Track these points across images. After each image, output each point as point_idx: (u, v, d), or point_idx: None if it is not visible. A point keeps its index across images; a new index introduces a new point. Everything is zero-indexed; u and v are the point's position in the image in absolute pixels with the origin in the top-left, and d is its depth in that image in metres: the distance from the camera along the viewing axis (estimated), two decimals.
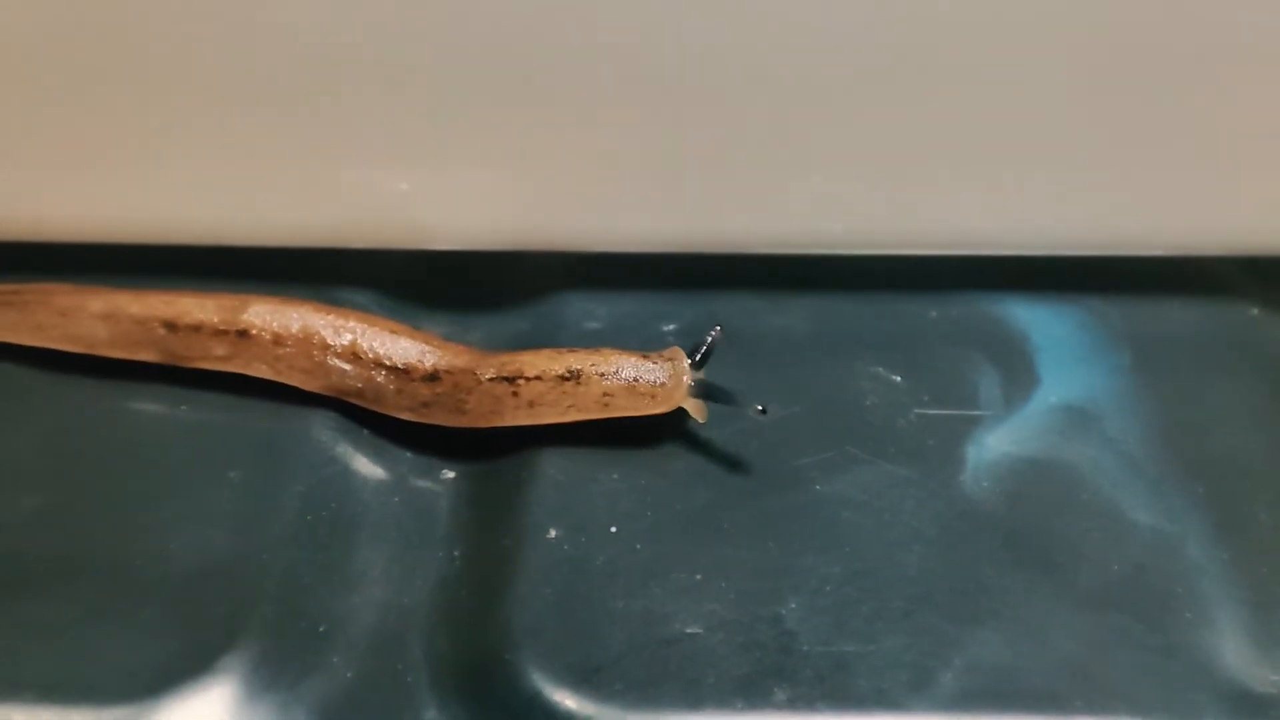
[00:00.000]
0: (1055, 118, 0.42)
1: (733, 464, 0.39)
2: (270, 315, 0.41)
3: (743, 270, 0.46)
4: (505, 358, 0.39)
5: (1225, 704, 0.33)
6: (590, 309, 0.45)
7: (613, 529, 0.38)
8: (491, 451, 0.41)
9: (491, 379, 0.39)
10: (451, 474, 0.41)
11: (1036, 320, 0.44)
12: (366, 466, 0.41)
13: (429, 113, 0.42)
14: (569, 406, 0.39)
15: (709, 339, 0.40)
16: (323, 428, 0.41)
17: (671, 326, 0.44)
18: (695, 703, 0.34)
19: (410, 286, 0.46)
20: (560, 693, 0.34)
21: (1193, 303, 0.44)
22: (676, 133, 0.43)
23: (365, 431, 0.41)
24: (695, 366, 0.39)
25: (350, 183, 0.44)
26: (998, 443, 0.40)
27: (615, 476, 0.40)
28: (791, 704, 0.34)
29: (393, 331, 0.40)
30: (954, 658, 0.35)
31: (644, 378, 0.39)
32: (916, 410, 0.41)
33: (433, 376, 0.39)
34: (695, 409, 0.39)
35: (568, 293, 0.45)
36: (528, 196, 0.45)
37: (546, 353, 0.39)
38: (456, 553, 0.38)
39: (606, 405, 0.39)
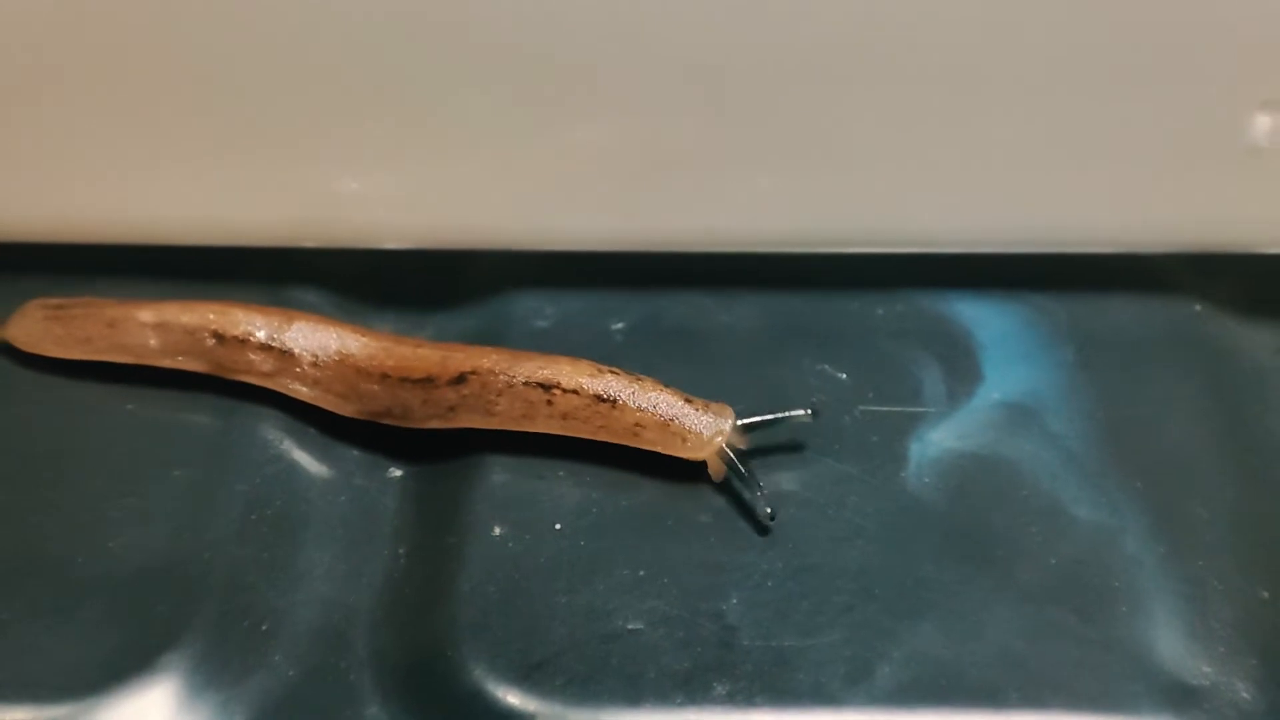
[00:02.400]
0: (1000, 117, 0.42)
1: (677, 461, 0.39)
2: (310, 334, 0.41)
3: (692, 268, 0.46)
4: (540, 361, 0.39)
5: (1160, 695, 0.34)
6: (539, 307, 0.45)
7: (557, 526, 0.38)
8: (439, 452, 0.41)
9: (526, 383, 0.38)
10: (399, 473, 0.41)
11: (981, 317, 0.44)
12: (313, 465, 0.41)
13: (378, 112, 0.43)
14: (600, 427, 0.38)
15: (776, 416, 0.39)
16: (270, 426, 0.41)
17: (620, 324, 0.45)
18: (635, 698, 0.34)
19: (360, 285, 0.46)
20: (502, 688, 0.35)
21: (1136, 299, 0.45)
22: (624, 132, 0.43)
23: (312, 430, 0.41)
24: (741, 430, 0.38)
25: (299, 182, 0.44)
26: (941, 439, 0.40)
27: (561, 474, 0.40)
28: (730, 698, 0.34)
29: (418, 346, 0.40)
30: (892, 651, 0.35)
31: (680, 419, 0.38)
32: (861, 407, 0.42)
33: (458, 380, 0.39)
34: (715, 469, 0.39)
35: (517, 291, 0.46)
36: (476, 196, 0.45)
37: (587, 367, 0.39)
38: (401, 550, 0.38)
39: (636, 435, 0.38)
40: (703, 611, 0.36)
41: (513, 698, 0.34)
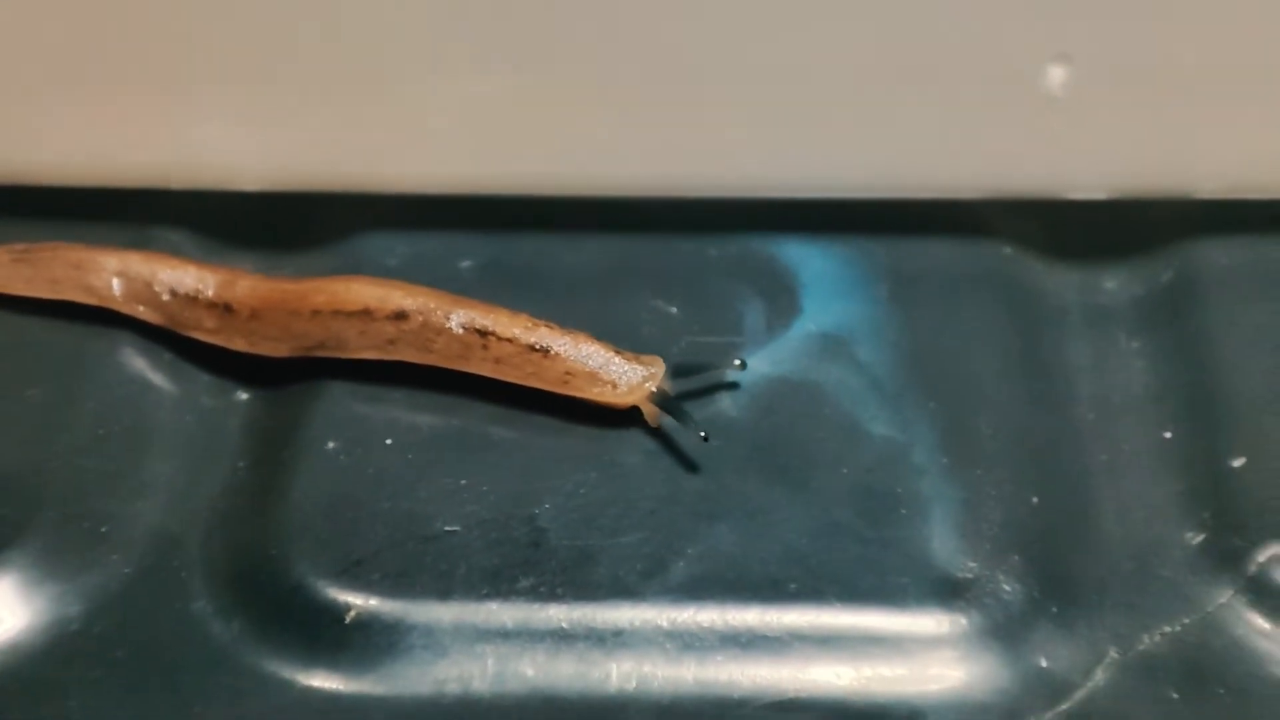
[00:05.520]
0: (826, 70, 0.45)
1: (508, 383, 0.42)
2: (249, 292, 0.43)
3: (541, 211, 0.49)
4: (480, 309, 0.41)
5: (927, 586, 0.37)
6: (391, 246, 0.47)
7: (388, 441, 0.41)
8: (286, 378, 0.43)
9: (464, 327, 0.41)
10: (245, 396, 0.43)
11: (806, 258, 0.47)
12: (164, 386, 0.43)
13: (237, 55, 0.45)
14: (530, 374, 0.41)
15: (711, 368, 0.42)
16: (125, 348, 0.43)
17: (468, 263, 0.47)
18: (446, 591, 0.37)
19: (223, 227, 0.48)
20: (321, 584, 0.37)
21: (951, 242, 0.47)
22: (471, 80, 0.46)
23: (166, 354, 0.44)
24: (672, 375, 0.41)
25: (160, 125, 0.47)
26: (756, 365, 0.43)
27: (398, 396, 0.42)
28: (534, 591, 0.37)
29: (348, 282, 0.42)
30: (687, 549, 0.38)
31: (608, 368, 0.40)
32: (688, 338, 0.44)
33: (399, 315, 0.41)
34: (650, 414, 0.41)
35: (370, 232, 0.48)
36: (329, 141, 0.47)
37: (523, 318, 0.41)
38: (241, 464, 0.41)
39: (566, 383, 0.41)
40: (516, 516, 0.39)
41: (331, 592, 0.37)
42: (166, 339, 0.44)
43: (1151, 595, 0.37)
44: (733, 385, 0.42)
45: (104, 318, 0.44)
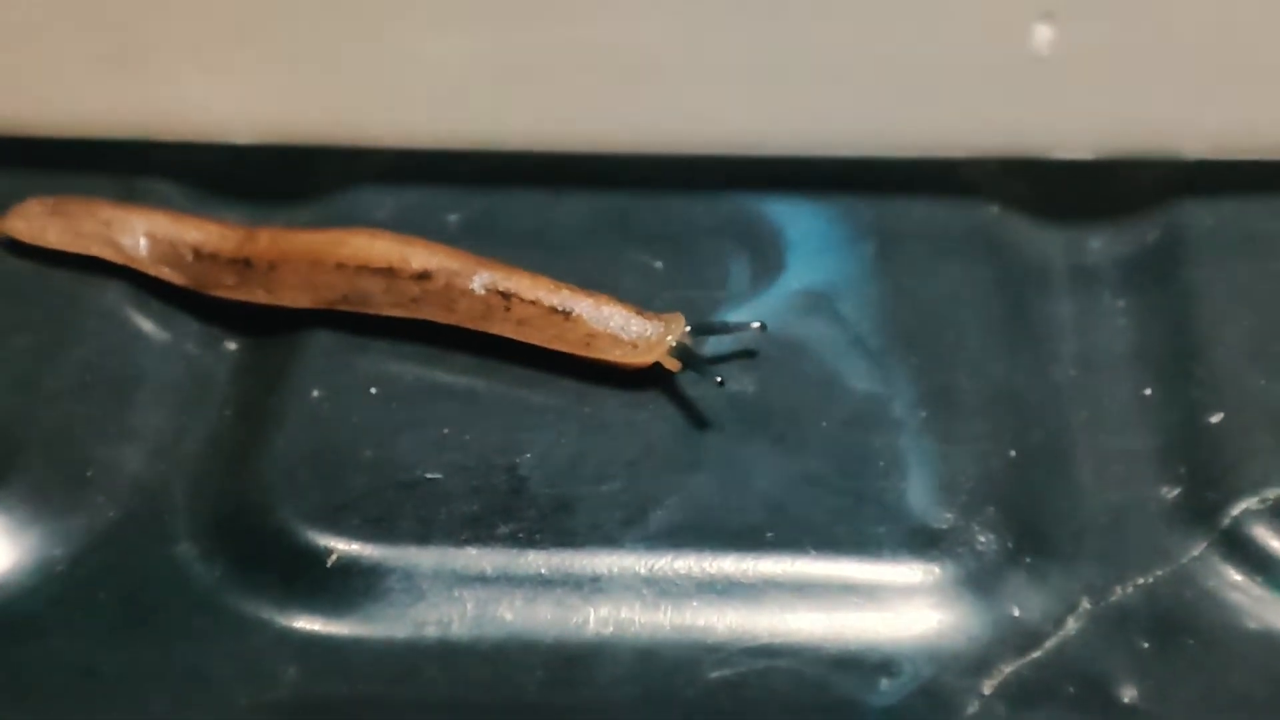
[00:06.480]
0: (813, 27, 0.45)
1: (493, 335, 0.42)
2: (269, 244, 0.43)
3: (529, 167, 0.49)
4: (503, 271, 0.41)
5: (903, 536, 0.37)
6: (378, 200, 0.48)
7: (372, 390, 0.41)
8: (274, 327, 0.44)
9: (488, 290, 0.41)
10: (234, 345, 0.44)
11: (793, 215, 0.47)
12: (153, 334, 0.44)
13: (226, 4, 0.45)
14: (553, 336, 0.41)
15: (731, 325, 0.42)
16: (114, 295, 0.44)
17: (454, 217, 0.47)
18: (425, 536, 0.37)
19: (212, 179, 0.49)
20: (303, 527, 0.38)
21: (939, 201, 0.48)
22: (463, 37, 0.46)
23: (155, 303, 0.44)
24: (693, 333, 0.41)
25: (150, 75, 0.47)
26: (740, 319, 0.43)
27: (383, 346, 0.43)
28: (513, 537, 0.37)
29: (372, 238, 0.42)
30: (666, 498, 0.38)
31: (630, 328, 0.40)
32: (671, 292, 0.44)
33: (423, 275, 0.41)
34: (672, 366, 0.41)
35: (357, 186, 0.48)
36: (320, 93, 0.47)
37: (545, 281, 0.41)
38: (227, 412, 0.41)
39: (589, 345, 0.41)
40: (498, 464, 0.39)
41: (312, 536, 0.37)
42: (156, 287, 0.44)
43: (1125, 547, 0.37)
44: (749, 354, 0.42)
45: (93, 265, 0.44)
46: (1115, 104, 0.46)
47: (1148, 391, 0.41)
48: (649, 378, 0.41)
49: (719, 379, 0.40)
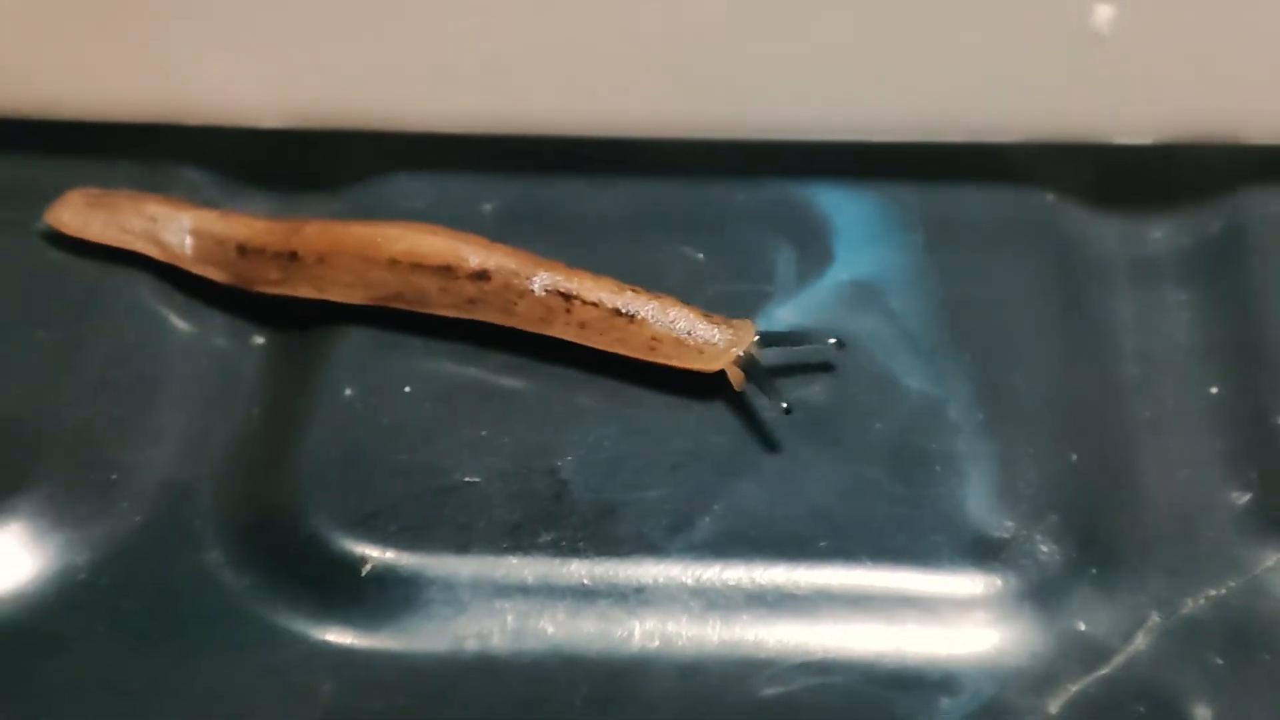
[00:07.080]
0: (862, 5, 0.43)
1: (528, 332, 0.40)
2: (317, 236, 0.41)
3: (566, 153, 0.47)
4: (563, 272, 0.40)
5: (962, 546, 0.35)
6: (412, 187, 0.46)
7: (406, 389, 0.40)
8: (303, 323, 0.42)
9: (547, 290, 0.39)
10: (261, 340, 0.42)
11: (839, 203, 0.46)
12: (177, 328, 0.42)
13: None
14: (615, 340, 0.39)
15: (804, 336, 0.40)
16: (138, 288, 0.42)
17: (489, 206, 0.46)
18: (464, 545, 0.36)
19: (241, 164, 0.47)
20: (336, 534, 0.36)
21: (991, 188, 0.46)
22: (499, 18, 0.44)
23: (179, 296, 0.43)
24: (761, 343, 0.39)
25: (176, 58, 0.45)
26: (786, 315, 0.42)
27: (416, 343, 0.41)
28: (556, 546, 0.36)
29: (424, 234, 0.41)
30: (712, 505, 0.36)
31: (696, 333, 0.39)
32: (716, 286, 0.43)
33: (481, 275, 0.40)
34: (735, 378, 0.39)
35: (390, 173, 0.47)
36: (351, 77, 0.46)
37: (608, 281, 0.39)
38: (255, 411, 0.40)
39: (653, 350, 0.39)
40: (538, 468, 0.38)
41: (346, 544, 0.36)
42: (181, 278, 0.43)
43: (1195, 557, 0.36)
44: (826, 367, 0.40)
45: (116, 256, 0.43)
46: (1177, 86, 0.45)
47: (1214, 390, 0.40)
48: (692, 376, 0.39)
49: (785, 405, 0.38)
